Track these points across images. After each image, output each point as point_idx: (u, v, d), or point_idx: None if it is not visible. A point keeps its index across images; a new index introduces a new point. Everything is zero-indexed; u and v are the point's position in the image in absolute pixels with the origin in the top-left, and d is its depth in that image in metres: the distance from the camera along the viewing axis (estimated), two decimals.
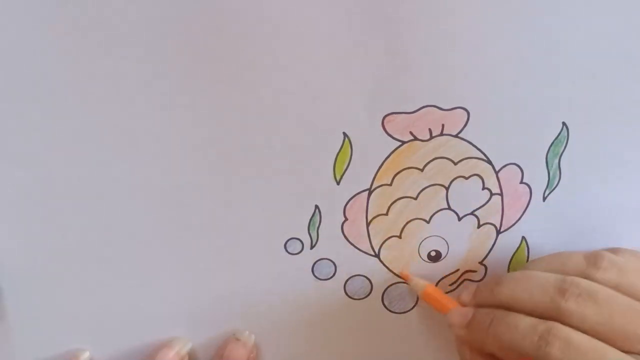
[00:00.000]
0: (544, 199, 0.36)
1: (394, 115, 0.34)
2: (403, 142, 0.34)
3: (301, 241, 0.36)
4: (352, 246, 0.36)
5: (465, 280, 0.38)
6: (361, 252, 0.37)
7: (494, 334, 0.31)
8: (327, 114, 0.33)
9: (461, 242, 0.37)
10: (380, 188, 0.35)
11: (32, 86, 0.32)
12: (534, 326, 0.30)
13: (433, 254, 0.37)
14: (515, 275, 0.33)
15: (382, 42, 0.32)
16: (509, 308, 0.32)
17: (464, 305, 0.35)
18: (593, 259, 0.32)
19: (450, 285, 0.38)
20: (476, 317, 0.33)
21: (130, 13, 0.31)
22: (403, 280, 0.37)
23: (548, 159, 0.35)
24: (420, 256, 0.37)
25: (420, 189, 0.35)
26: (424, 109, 0.33)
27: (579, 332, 0.29)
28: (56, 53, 0.31)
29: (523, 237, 0.37)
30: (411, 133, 0.34)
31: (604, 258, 0.32)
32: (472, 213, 0.36)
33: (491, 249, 0.37)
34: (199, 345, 0.38)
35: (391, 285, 0.37)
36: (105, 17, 0.31)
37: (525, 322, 0.30)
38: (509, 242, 0.37)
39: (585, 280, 0.31)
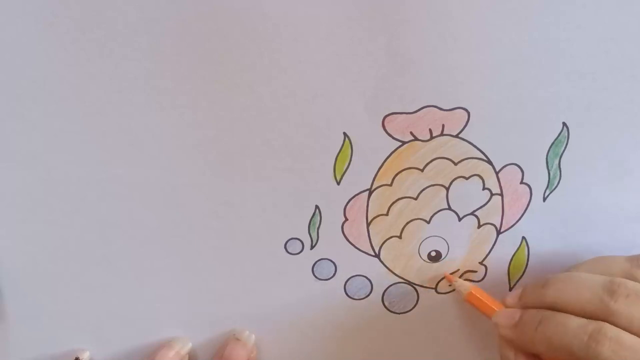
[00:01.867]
0: (544, 199, 0.36)
1: (395, 115, 0.34)
2: (403, 142, 0.34)
3: (301, 241, 0.36)
4: (352, 246, 0.36)
5: (465, 280, 0.38)
6: (361, 252, 0.37)
7: (543, 333, 0.31)
8: (327, 114, 0.33)
9: (461, 242, 0.37)
10: (381, 188, 0.35)
11: (32, 86, 0.32)
12: (584, 326, 0.30)
13: (433, 254, 0.37)
14: (562, 277, 0.33)
15: (382, 42, 0.32)
16: (556, 309, 0.32)
17: (508, 307, 0.35)
18: (636, 261, 0.33)
19: (450, 285, 0.38)
20: (524, 317, 0.33)
21: (130, 13, 0.31)
22: (403, 280, 0.37)
23: (548, 159, 0.35)
24: (420, 256, 0.37)
25: (421, 189, 0.35)
26: (424, 109, 0.33)
27: (628, 333, 0.29)
28: (56, 53, 0.31)
29: (523, 237, 0.37)
30: (411, 133, 0.34)
31: None
32: (472, 213, 0.36)
33: (491, 249, 0.37)
34: (199, 345, 0.38)
35: (391, 285, 0.37)
36: (105, 17, 0.31)
37: (574, 322, 0.30)
38: (509, 242, 0.37)
39: (632, 282, 0.31)
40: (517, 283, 0.38)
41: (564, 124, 0.34)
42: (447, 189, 0.35)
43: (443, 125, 0.34)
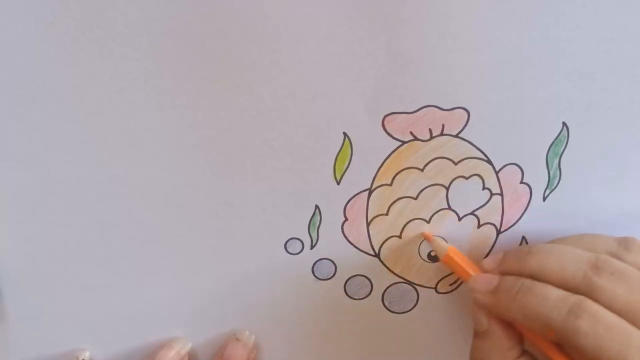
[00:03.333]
0: (544, 199, 0.36)
1: (394, 115, 0.34)
2: (403, 142, 0.34)
3: (301, 241, 0.36)
4: (352, 246, 0.36)
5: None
6: (361, 252, 0.37)
7: (522, 302, 0.31)
8: (327, 114, 0.33)
9: (461, 242, 0.37)
10: (381, 188, 0.35)
11: (32, 86, 0.32)
12: (564, 298, 0.30)
13: (433, 254, 0.37)
14: (545, 247, 0.33)
15: (382, 42, 0.32)
16: (537, 279, 0.31)
17: (486, 272, 0.34)
18: (624, 242, 0.33)
19: (450, 285, 0.38)
20: (503, 284, 0.32)
21: (130, 13, 0.31)
22: (403, 280, 0.37)
23: (548, 159, 0.35)
24: (420, 256, 0.37)
25: (421, 189, 0.35)
26: (424, 109, 0.33)
27: (608, 310, 0.29)
28: (56, 53, 0.31)
29: (523, 237, 0.37)
30: (411, 133, 0.34)
31: (635, 242, 0.32)
32: (472, 213, 0.36)
33: (491, 249, 0.37)
34: (199, 345, 0.38)
35: (391, 285, 0.37)
36: (105, 17, 0.31)
37: (555, 293, 0.30)
38: (509, 242, 0.37)
39: (618, 260, 0.31)
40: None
41: (564, 124, 0.34)
42: (447, 188, 0.35)
43: (443, 125, 0.34)
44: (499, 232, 0.37)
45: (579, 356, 0.30)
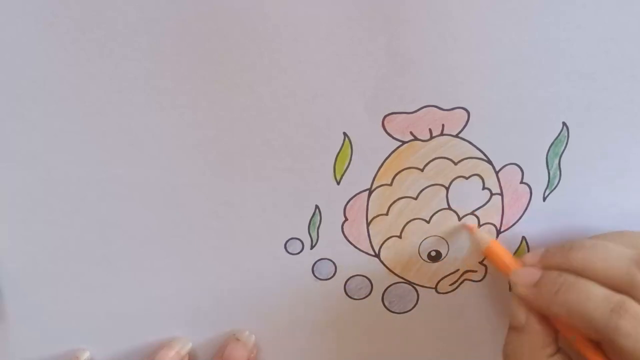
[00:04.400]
0: (544, 199, 0.36)
1: (394, 115, 0.34)
2: (403, 142, 0.34)
3: (301, 241, 0.36)
4: (352, 246, 0.36)
5: (465, 280, 0.38)
6: (361, 252, 0.37)
7: (564, 298, 0.30)
8: (327, 114, 0.33)
9: (461, 242, 0.37)
10: (381, 188, 0.35)
11: (32, 86, 0.32)
12: (608, 297, 0.29)
13: (433, 254, 0.37)
14: (588, 243, 0.32)
15: (382, 42, 0.32)
16: (579, 275, 0.31)
17: (528, 266, 0.34)
18: None
19: (450, 285, 0.38)
20: (545, 278, 0.32)
21: (130, 13, 0.31)
22: (403, 280, 0.37)
23: (548, 159, 0.35)
24: (420, 256, 0.37)
25: (421, 189, 0.35)
26: (424, 109, 0.33)
27: None
28: (56, 53, 0.31)
29: (523, 237, 0.37)
30: (411, 133, 0.34)
31: None
32: (472, 213, 0.36)
33: None
34: (199, 345, 0.38)
35: (391, 285, 0.37)
36: (105, 17, 0.31)
37: (599, 291, 0.30)
38: (509, 242, 0.37)
39: None
40: None
41: (564, 124, 0.34)
42: (447, 188, 0.35)
43: (443, 125, 0.34)
44: (499, 232, 0.37)
45: (618, 357, 0.29)
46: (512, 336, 0.33)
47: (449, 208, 0.36)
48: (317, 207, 0.35)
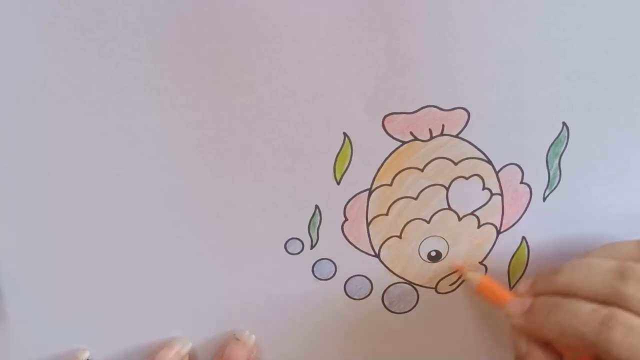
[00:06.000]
0: (544, 199, 0.36)
1: (394, 115, 0.34)
2: (403, 142, 0.34)
3: (301, 241, 0.36)
4: (352, 246, 0.36)
5: (465, 280, 0.38)
6: (361, 252, 0.37)
7: (554, 320, 0.31)
8: (327, 114, 0.33)
9: (461, 242, 0.37)
10: (381, 188, 0.35)
11: (32, 86, 0.32)
12: (595, 311, 0.30)
13: (433, 254, 0.37)
14: (572, 264, 0.33)
15: (382, 42, 0.32)
16: (568, 296, 0.32)
17: (520, 296, 0.34)
18: None
19: (450, 285, 0.38)
20: (535, 304, 0.33)
21: (130, 13, 0.31)
22: (403, 280, 0.37)
23: (548, 159, 0.35)
24: (420, 256, 0.37)
25: (421, 189, 0.35)
26: (424, 109, 0.33)
27: None
28: (56, 53, 0.31)
29: (523, 237, 0.37)
30: (411, 133, 0.34)
31: None
32: (472, 213, 0.36)
33: (491, 249, 0.37)
34: (199, 345, 0.38)
35: (391, 285, 0.37)
36: (105, 17, 0.31)
37: (585, 308, 0.30)
38: (509, 242, 0.37)
39: None
40: (517, 283, 0.38)
41: (564, 124, 0.34)
42: (447, 188, 0.35)
43: (443, 125, 0.34)
44: (499, 232, 0.37)
45: None
46: None
47: (449, 208, 0.36)
48: (317, 207, 0.35)
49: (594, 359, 0.31)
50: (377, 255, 0.37)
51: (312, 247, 0.36)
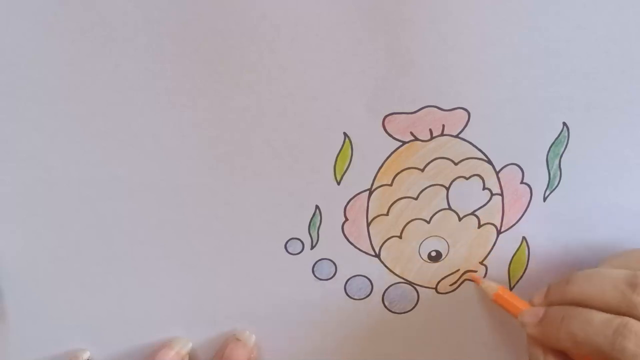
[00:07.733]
0: (545, 199, 0.36)
1: (395, 115, 0.34)
2: (403, 143, 0.34)
3: (301, 241, 0.36)
4: (352, 246, 0.36)
5: (465, 280, 0.38)
6: (361, 252, 0.37)
7: (567, 329, 0.31)
8: (327, 114, 0.33)
9: (461, 242, 0.37)
10: (381, 188, 0.35)
11: (32, 86, 0.32)
12: (608, 321, 0.30)
13: (433, 254, 0.37)
14: (585, 273, 0.33)
15: (382, 42, 0.32)
16: (580, 305, 0.32)
17: (535, 305, 0.35)
18: None
19: (450, 285, 0.38)
20: (548, 314, 0.33)
21: (130, 13, 0.31)
22: (403, 280, 0.37)
23: (548, 159, 0.35)
24: (420, 256, 0.37)
25: (421, 189, 0.35)
26: (424, 110, 0.33)
27: None
28: (56, 53, 0.31)
29: (523, 237, 0.37)
30: (412, 133, 0.34)
31: None
32: (472, 213, 0.36)
33: (491, 249, 0.37)
34: (199, 345, 0.38)
35: (391, 285, 0.37)
36: (105, 17, 0.31)
37: (599, 317, 0.30)
38: (509, 242, 0.37)
39: None
40: (517, 283, 0.38)
41: (564, 124, 0.34)
42: (447, 189, 0.35)
43: (443, 125, 0.34)
44: (499, 232, 0.37)
45: None
46: None
47: (449, 208, 0.36)
48: (317, 207, 0.35)
49: None
50: (378, 256, 0.37)
51: (312, 247, 0.36)
